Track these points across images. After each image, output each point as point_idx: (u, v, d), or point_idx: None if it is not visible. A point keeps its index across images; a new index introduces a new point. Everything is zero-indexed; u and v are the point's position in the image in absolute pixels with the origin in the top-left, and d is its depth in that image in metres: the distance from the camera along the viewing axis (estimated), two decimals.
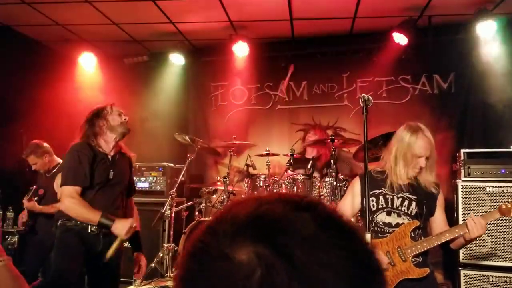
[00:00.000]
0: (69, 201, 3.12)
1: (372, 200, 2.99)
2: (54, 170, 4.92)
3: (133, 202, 3.69)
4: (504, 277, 4.27)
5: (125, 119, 3.45)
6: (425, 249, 2.83)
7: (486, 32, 5.52)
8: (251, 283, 0.54)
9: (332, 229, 0.62)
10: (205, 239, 0.63)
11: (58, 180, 4.81)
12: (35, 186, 4.67)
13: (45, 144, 4.99)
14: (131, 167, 3.64)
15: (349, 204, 3.15)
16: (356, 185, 3.15)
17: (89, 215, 3.10)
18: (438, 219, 3.01)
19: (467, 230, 2.73)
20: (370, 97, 2.93)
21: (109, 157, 3.37)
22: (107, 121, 3.38)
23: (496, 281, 4.28)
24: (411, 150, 2.90)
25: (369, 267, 0.62)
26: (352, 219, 3.71)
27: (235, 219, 0.62)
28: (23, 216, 4.94)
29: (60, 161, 5.00)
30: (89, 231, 3.14)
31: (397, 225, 2.93)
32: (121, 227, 3.08)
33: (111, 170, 3.33)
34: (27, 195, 4.55)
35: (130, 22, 6.09)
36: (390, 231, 2.93)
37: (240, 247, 0.57)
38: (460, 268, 4.41)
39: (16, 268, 1.48)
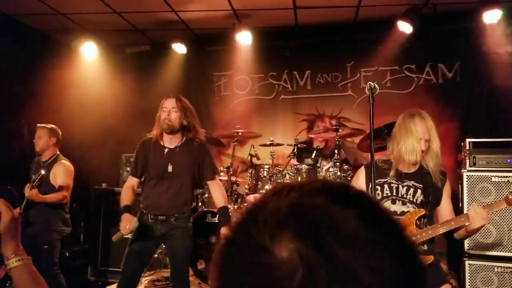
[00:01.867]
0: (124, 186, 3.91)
1: (377, 189, 2.98)
2: (50, 160, 4.87)
3: (216, 183, 3.96)
4: (509, 267, 4.25)
5: (167, 116, 3.69)
6: (430, 237, 2.83)
7: (492, 20, 5.45)
8: (291, 282, 0.53)
9: (377, 227, 0.59)
10: (245, 227, 0.61)
11: (55, 171, 4.79)
12: (42, 172, 4.58)
13: (60, 134, 4.97)
14: (202, 153, 3.86)
15: None
16: (361, 175, 3.16)
17: (121, 201, 3.72)
18: (445, 208, 3.01)
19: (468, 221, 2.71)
20: (376, 85, 2.91)
21: (165, 150, 3.72)
22: (158, 117, 3.75)
23: (501, 272, 4.26)
24: (411, 134, 2.92)
25: (414, 269, 0.60)
26: None
27: (277, 210, 0.59)
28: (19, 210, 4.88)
29: (58, 153, 4.96)
30: (149, 220, 3.70)
31: (403, 213, 2.93)
32: (121, 223, 3.55)
33: (169, 164, 3.70)
34: (30, 183, 4.47)
35: (132, 11, 6.02)
36: None
37: (281, 241, 0.55)
38: (465, 259, 4.39)
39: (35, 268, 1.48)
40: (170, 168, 3.70)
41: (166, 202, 3.72)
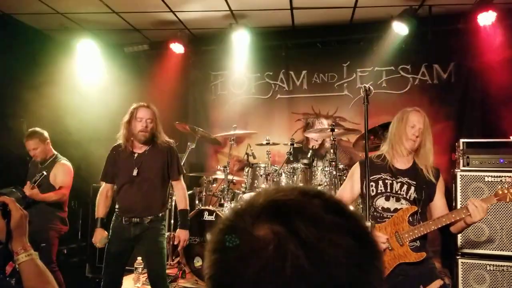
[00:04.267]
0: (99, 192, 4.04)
1: (372, 185, 3.03)
2: (50, 161, 4.90)
3: (180, 184, 4.09)
4: (501, 265, 4.31)
5: (142, 127, 3.81)
6: (422, 233, 2.87)
7: (487, 22, 5.51)
8: (267, 251, 0.69)
9: (335, 212, 0.75)
10: (232, 219, 0.79)
11: (55, 171, 4.82)
12: (44, 173, 4.59)
13: (47, 133, 4.97)
14: (170, 154, 3.99)
15: (349, 190, 3.20)
16: (356, 171, 3.21)
17: (96, 211, 3.95)
18: (438, 204, 3.05)
19: (468, 214, 2.76)
20: (371, 87, 2.97)
21: (135, 155, 3.85)
22: (132, 127, 3.86)
23: (493, 270, 4.33)
24: (404, 124, 3.02)
25: (365, 242, 0.75)
26: (352, 205, 3.80)
27: (256, 203, 0.77)
28: None
29: (55, 152, 5.00)
30: (123, 222, 3.82)
31: (396, 210, 2.98)
32: (94, 237, 3.90)
33: (135, 168, 3.82)
34: (32, 182, 4.49)
35: (130, 10, 6.07)
36: (388, 216, 2.98)
37: (259, 225, 0.73)
38: (458, 257, 4.45)
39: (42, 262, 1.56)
40: (135, 172, 3.82)
41: (138, 205, 3.83)
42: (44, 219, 4.68)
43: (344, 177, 4.93)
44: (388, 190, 3.03)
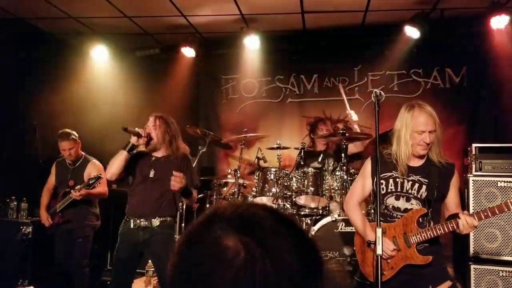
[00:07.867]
0: None
1: (382, 184, 2.98)
2: (81, 161, 5.08)
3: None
4: None
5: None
6: (429, 237, 2.85)
7: (499, 25, 5.47)
8: (237, 260, 0.78)
9: (288, 225, 0.88)
10: (199, 230, 0.87)
11: (89, 170, 4.99)
12: (100, 175, 4.60)
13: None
14: (186, 164, 4.05)
15: (360, 187, 3.17)
16: (367, 167, 3.15)
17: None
18: (451, 201, 2.99)
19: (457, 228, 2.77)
20: (382, 92, 2.93)
21: (152, 158, 3.97)
22: None
23: (506, 276, 4.29)
24: (412, 128, 2.91)
25: (309, 246, 0.89)
26: (363, 203, 3.81)
27: (223, 216, 0.86)
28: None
29: (84, 153, 5.16)
30: (131, 226, 3.84)
31: (406, 210, 2.96)
32: None
33: (152, 170, 3.93)
34: (86, 185, 4.56)
35: (142, 15, 6.11)
36: (398, 216, 2.97)
37: (227, 236, 0.81)
38: (470, 263, 4.41)
39: None
40: (152, 173, 3.92)
41: (147, 206, 3.85)
42: (80, 217, 4.93)
43: None
44: (399, 189, 2.99)
